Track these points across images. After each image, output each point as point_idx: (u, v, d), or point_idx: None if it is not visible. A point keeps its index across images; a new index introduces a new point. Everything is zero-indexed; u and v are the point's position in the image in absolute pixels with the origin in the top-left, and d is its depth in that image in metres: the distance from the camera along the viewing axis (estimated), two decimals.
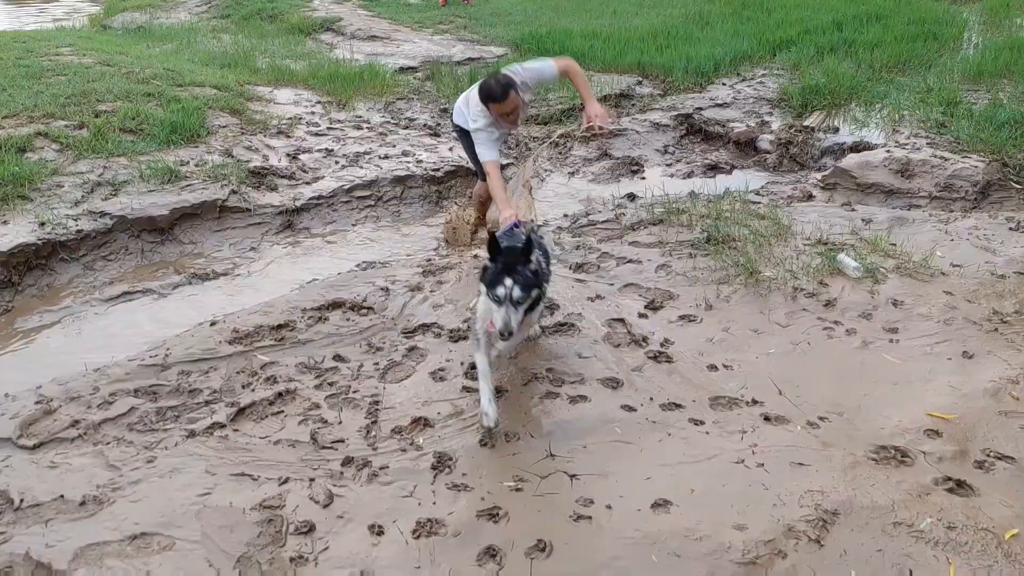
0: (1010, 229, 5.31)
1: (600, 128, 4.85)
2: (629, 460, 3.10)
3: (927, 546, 2.66)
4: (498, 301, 3.05)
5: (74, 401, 3.47)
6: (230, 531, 2.71)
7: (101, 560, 2.59)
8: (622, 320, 4.12)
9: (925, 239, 5.13)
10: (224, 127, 7.20)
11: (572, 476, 3.00)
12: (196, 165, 6.30)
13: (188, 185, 5.92)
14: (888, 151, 6.64)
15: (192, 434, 3.23)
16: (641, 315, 4.21)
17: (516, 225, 4.04)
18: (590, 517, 2.79)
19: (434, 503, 2.87)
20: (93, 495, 2.87)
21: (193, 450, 3.14)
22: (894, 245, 4.99)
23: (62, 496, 2.86)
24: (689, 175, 7.18)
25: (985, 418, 3.29)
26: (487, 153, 4.63)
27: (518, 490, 2.93)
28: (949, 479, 2.97)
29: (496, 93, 4.52)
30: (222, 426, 3.28)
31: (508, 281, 3.05)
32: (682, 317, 4.18)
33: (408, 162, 6.77)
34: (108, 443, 3.19)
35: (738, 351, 3.85)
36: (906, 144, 6.93)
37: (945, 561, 2.60)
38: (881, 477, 2.99)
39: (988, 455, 3.09)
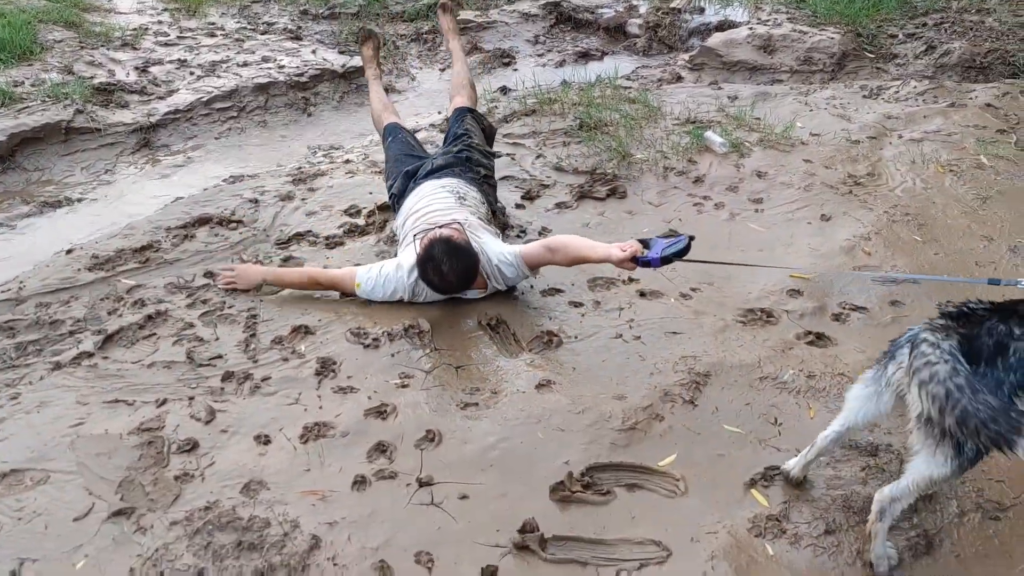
0: (863, 97, 5.56)
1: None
2: None
3: (790, 395, 2.86)
4: None
5: None
6: (108, 458, 2.62)
7: None
8: (501, 211, 4.11)
9: (786, 111, 5.31)
10: (60, 42, 6.60)
11: (457, 367, 3.04)
12: (33, 85, 5.78)
13: (26, 107, 5.43)
14: (751, 28, 6.76)
15: (58, 366, 3.06)
16: (519, 206, 4.22)
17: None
18: (476, 404, 2.84)
19: (320, 407, 2.85)
20: None
21: (61, 382, 2.98)
22: (758, 119, 5.15)
23: None
24: (561, 64, 7.12)
25: (841, 274, 3.51)
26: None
27: (404, 386, 2.94)
28: (809, 333, 3.17)
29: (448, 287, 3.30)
30: (90, 355, 3.12)
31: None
32: (558, 205, 4.21)
33: (269, 68, 6.42)
34: None
35: (613, 233, 3.92)
36: (767, 20, 7.06)
37: (806, 407, 2.80)
38: (748, 338, 3.16)
39: (843, 308, 3.32)
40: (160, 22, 7.49)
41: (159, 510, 2.42)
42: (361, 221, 4.06)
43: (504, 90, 6.22)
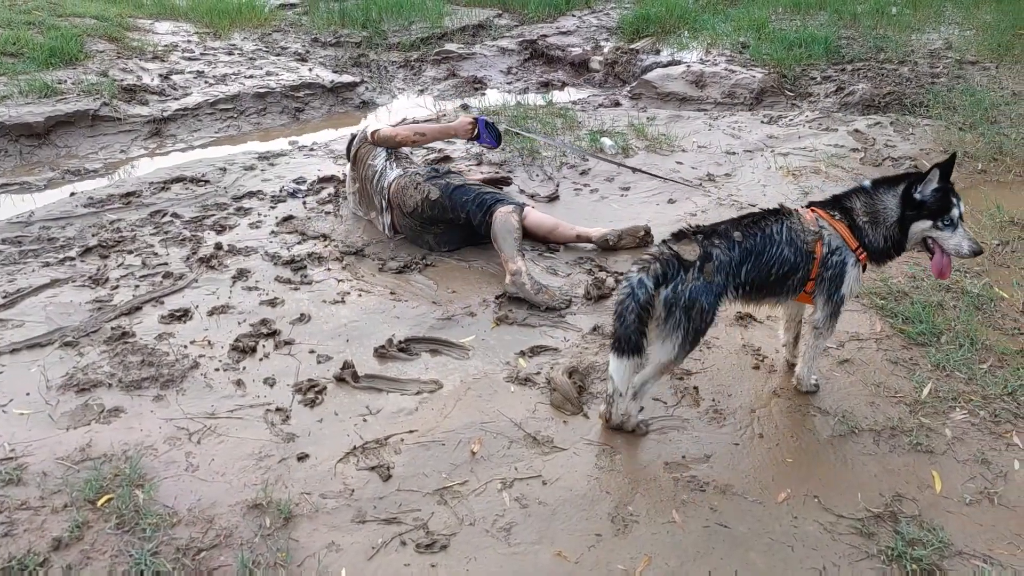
0: (762, 122, 6.46)
1: None
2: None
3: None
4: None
5: None
6: (68, 315, 3.63)
7: None
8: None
9: (689, 129, 6.23)
10: (102, 52, 7.88)
11: (339, 280, 3.99)
12: (73, 83, 7.01)
13: (63, 98, 6.64)
14: (688, 66, 7.74)
15: (47, 264, 4.11)
16: None
17: None
18: (343, 301, 3.79)
19: (229, 297, 3.82)
20: None
21: (47, 273, 4.02)
22: (664, 134, 6.07)
23: None
24: (524, 91, 8.16)
25: (657, 233, 4.39)
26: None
27: (296, 289, 3.91)
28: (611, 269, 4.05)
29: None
30: (72, 259, 4.16)
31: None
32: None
33: (269, 81, 7.60)
34: None
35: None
36: (707, 60, 8.03)
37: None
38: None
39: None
40: (189, 42, 8.77)
41: (94, 344, 3.40)
42: (304, 187, 5.09)
43: (465, 107, 7.27)
